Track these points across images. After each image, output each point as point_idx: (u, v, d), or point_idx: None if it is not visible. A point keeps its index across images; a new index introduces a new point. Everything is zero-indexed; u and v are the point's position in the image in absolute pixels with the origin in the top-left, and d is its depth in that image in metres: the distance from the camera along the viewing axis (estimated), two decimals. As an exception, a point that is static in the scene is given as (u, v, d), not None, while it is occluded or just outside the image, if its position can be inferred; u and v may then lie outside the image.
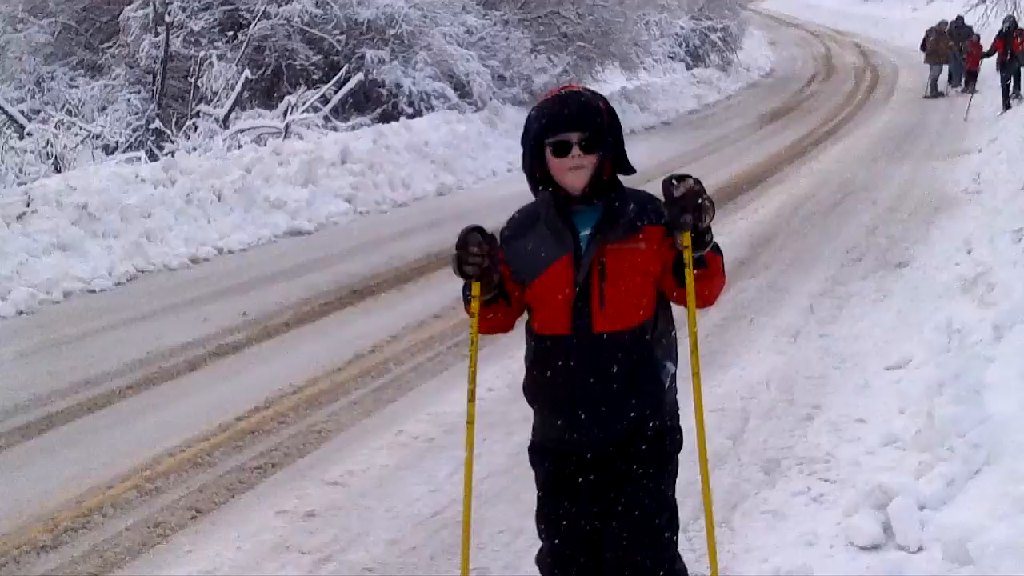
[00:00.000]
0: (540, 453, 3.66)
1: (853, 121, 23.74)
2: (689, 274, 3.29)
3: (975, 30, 26.94)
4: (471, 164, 17.89)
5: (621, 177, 3.49)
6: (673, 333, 3.56)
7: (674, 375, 3.56)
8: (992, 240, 9.81)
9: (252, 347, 8.77)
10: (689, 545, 5.14)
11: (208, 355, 8.54)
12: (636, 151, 3.25)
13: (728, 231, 12.57)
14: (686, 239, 3.22)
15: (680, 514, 5.21)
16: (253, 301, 10.05)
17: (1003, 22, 23.87)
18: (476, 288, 3.40)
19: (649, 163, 16.94)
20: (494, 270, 3.35)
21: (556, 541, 3.64)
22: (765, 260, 11.15)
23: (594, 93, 3.48)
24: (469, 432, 3.57)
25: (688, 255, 3.25)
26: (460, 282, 3.48)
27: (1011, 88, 22.98)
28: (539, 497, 3.68)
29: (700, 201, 3.16)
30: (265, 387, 7.70)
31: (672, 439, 3.61)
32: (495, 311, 3.50)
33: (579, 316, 3.38)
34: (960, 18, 27.77)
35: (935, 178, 15.54)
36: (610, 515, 3.54)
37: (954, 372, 6.45)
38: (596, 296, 3.36)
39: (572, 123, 3.35)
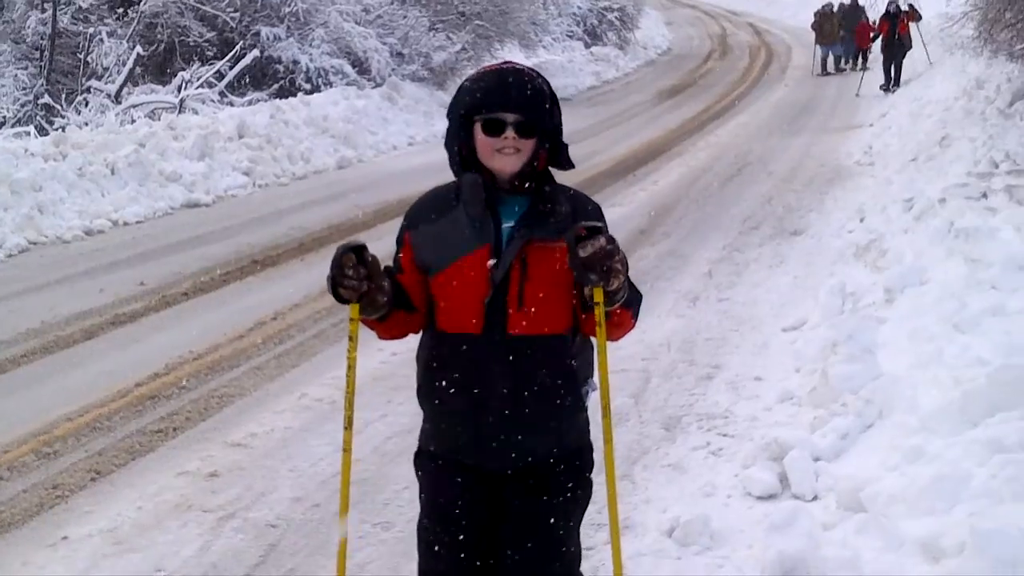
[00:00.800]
0: (430, 463, 3.22)
1: (749, 97, 24.13)
2: (601, 334, 2.97)
3: (867, 11, 27.16)
4: (371, 139, 17.81)
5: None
6: (592, 348, 3.17)
7: (588, 393, 3.20)
8: (884, 209, 10.08)
9: (150, 316, 8.63)
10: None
11: (105, 324, 8.38)
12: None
13: (629, 202, 12.74)
14: (597, 295, 2.88)
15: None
16: (150, 272, 9.88)
17: (888, 4, 23.79)
18: (354, 310, 2.98)
19: (549, 137, 17.04)
20: (378, 292, 2.95)
21: (440, 567, 3.19)
22: (665, 229, 11.31)
23: (538, 74, 3.08)
24: (345, 459, 3.12)
25: (600, 313, 2.92)
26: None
27: (892, 75, 22.84)
28: (423, 516, 3.23)
29: (608, 264, 2.81)
30: (165, 354, 7.59)
31: (585, 459, 3.23)
32: (394, 323, 3.10)
33: (493, 315, 2.99)
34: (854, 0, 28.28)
35: (829, 151, 15.89)
36: (507, 544, 3.14)
37: (848, 333, 6.63)
38: (515, 295, 2.99)
39: (511, 102, 2.97)
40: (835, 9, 28.94)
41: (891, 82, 22.49)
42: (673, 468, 5.69)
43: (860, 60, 26.77)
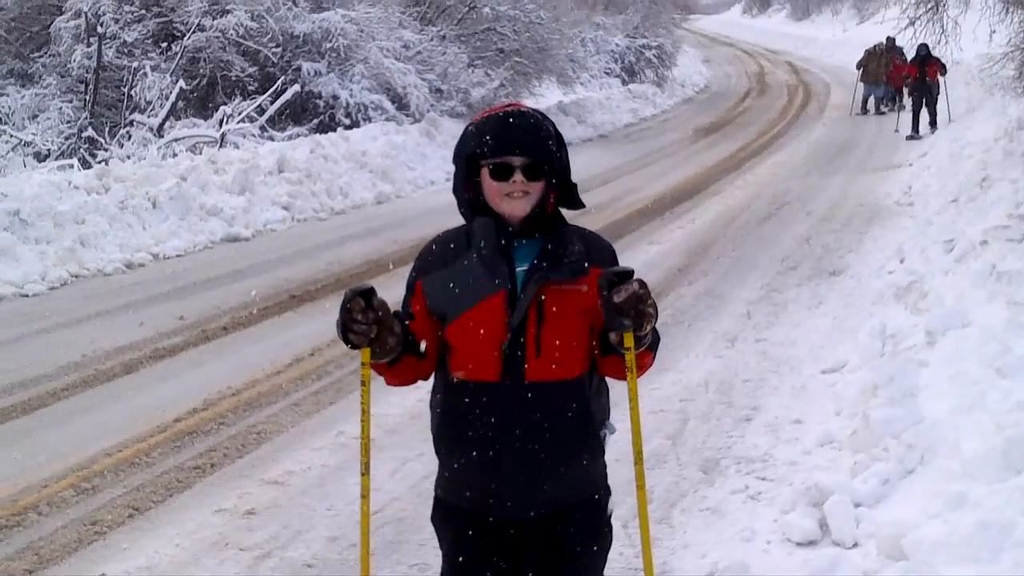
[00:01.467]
0: (448, 513, 3.17)
1: (786, 135, 24.06)
2: (632, 379, 2.95)
3: (905, 51, 26.70)
4: (409, 174, 17.89)
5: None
6: (608, 390, 3.16)
7: (606, 436, 3.16)
8: (924, 250, 10.01)
9: (189, 351, 8.69)
10: (629, 540, 5.19)
11: (145, 358, 8.45)
12: (573, 163, 3.05)
13: (665, 240, 12.73)
14: (627, 340, 2.86)
15: (620, 511, 5.29)
16: (190, 306, 9.95)
17: (918, 48, 22.16)
18: (365, 354, 2.95)
19: (586, 174, 17.09)
20: (389, 335, 2.92)
21: None
22: (702, 268, 11.27)
23: (543, 115, 3.04)
24: (364, 506, 3.06)
25: (631, 358, 2.91)
26: (401, 285, 3.17)
27: (924, 121, 22.02)
28: (445, 567, 3.20)
29: (642, 308, 2.80)
30: (203, 389, 7.64)
31: (604, 503, 3.19)
32: (403, 368, 3.05)
33: (511, 362, 2.95)
34: (891, 39, 27.91)
35: (867, 190, 15.80)
36: None
37: (888, 375, 6.57)
38: (532, 341, 2.94)
39: (517, 145, 2.94)
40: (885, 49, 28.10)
41: (917, 130, 21.74)
42: (711, 512, 5.65)
43: (897, 100, 26.31)
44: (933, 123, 21.91)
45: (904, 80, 23.90)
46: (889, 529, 4.89)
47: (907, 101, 23.48)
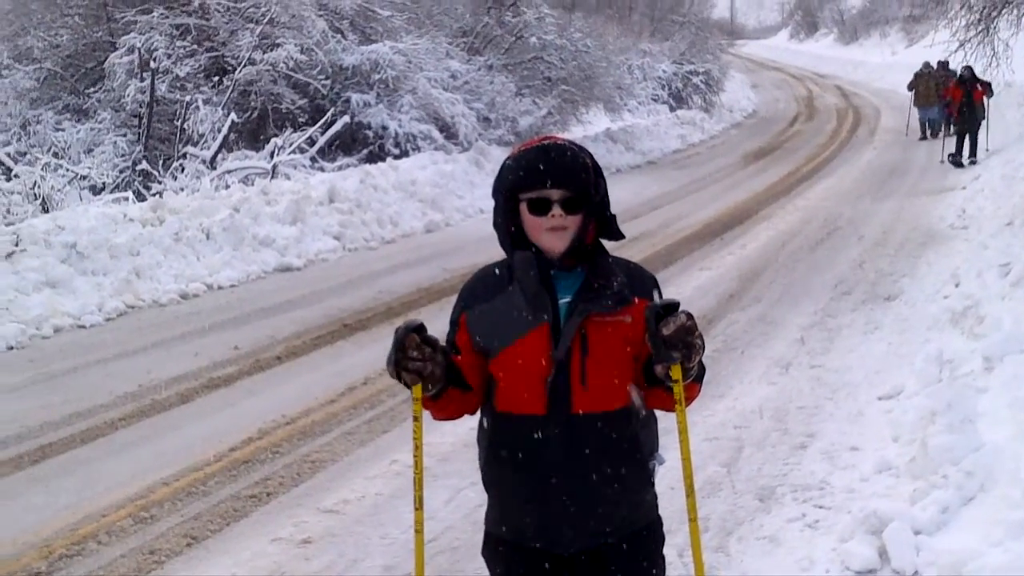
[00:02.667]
0: (498, 548, 3.12)
1: (837, 160, 23.94)
2: (681, 411, 2.93)
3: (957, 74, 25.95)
4: (458, 202, 17.98)
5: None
6: (656, 420, 3.13)
7: (655, 467, 3.12)
8: (980, 274, 9.89)
9: (244, 380, 8.77)
10: (685, 569, 5.16)
11: (200, 388, 8.53)
12: (622, 189, 3.09)
13: (717, 266, 12.68)
14: (675, 372, 2.84)
15: (676, 539, 5.27)
16: (244, 335, 10.05)
17: (962, 69, 21.74)
18: (417, 391, 2.93)
19: (635, 200, 17.10)
20: (436, 367, 2.88)
21: None
22: (755, 294, 11.21)
23: (580, 147, 3.01)
24: (418, 540, 3.05)
25: (679, 391, 2.89)
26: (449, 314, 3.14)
27: (966, 147, 21.04)
28: None
29: (690, 340, 2.77)
30: (258, 418, 7.70)
31: (655, 535, 3.15)
32: (448, 401, 3.02)
33: (556, 394, 2.91)
34: (942, 63, 27.29)
35: (921, 214, 15.66)
36: None
37: (946, 402, 6.48)
38: (577, 373, 2.91)
39: (554, 179, 2.91)
40: (934, 69, 26.99)
41: (961, 154, 20.87)
42: (769, 540, 5.60)
43: (949, 126, 25.11)
44: (973, 152, 20.97)
45: (946, 106, 23.10)
46: (949, 558, 4.83)
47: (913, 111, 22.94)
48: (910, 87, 27.26)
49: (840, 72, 53.81)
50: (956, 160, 20.69)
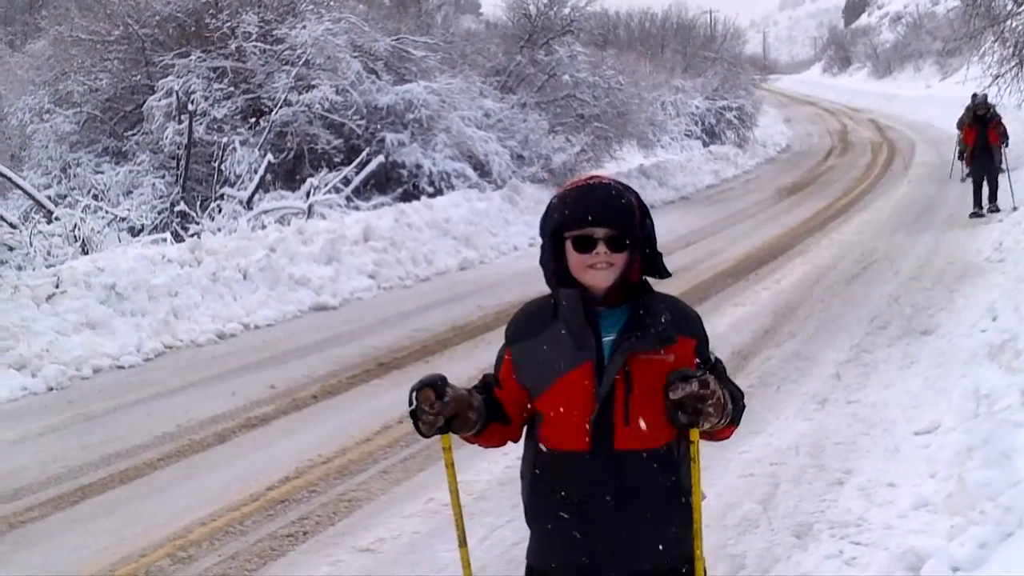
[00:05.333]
0: None
1: (872, 194, 23.85)
2: (696, 469, 3.00)
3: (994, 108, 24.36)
4: (492, 240, 18.05)
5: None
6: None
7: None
8: (1017, 307, 9.82)
9: (281, 419, 8.82)
10: (723, 607, 5.15)
11: (237, 427, 8.60)
12: (656, 225, 3.08)
13: (751, 301, 12.65)
14: (693, 434, 2.96)
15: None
16: (280, 375, 10.12)
17: (977, 106, 19.90)
18: (445, 440, 3.05)
19: (669, 236, 17.10)
20: (469, 411, 3.00)
21: None
22: (790, 329, 11.18)
23: (625, 187, 3.06)
24: (466, 574, 3.18)
25: (695, 449, 2.98)
26: (489, 354, 3.22)
27: (986, 193, 18.99)
28: None
29: (701, 407, 2.83)
30: (295, 458, 7.75)
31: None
32: (490, 435, 3.13)
33: (599, 432, 2.95)
34: (981, 96, 25.80)
35: (956, 247, 15.59)
36: None
37: (983, 437, 6.45)
38: (620, 411, 2.95)
39: (599, 217, 2.96)
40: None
41: (981, 205, 18.81)
42: (806, 578, 5.58)
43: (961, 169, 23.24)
44: (992, 198, 18.90)
45: (960, 155, 20.73)
46: (989, 594, 4.79)
47: (964, 169, 20.43)
48: (960, 124, 23.22)
49: (874, 106, 53.74)
50: (977, 214, 18.73)
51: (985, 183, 18.93)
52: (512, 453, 3.28)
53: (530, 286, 3.14)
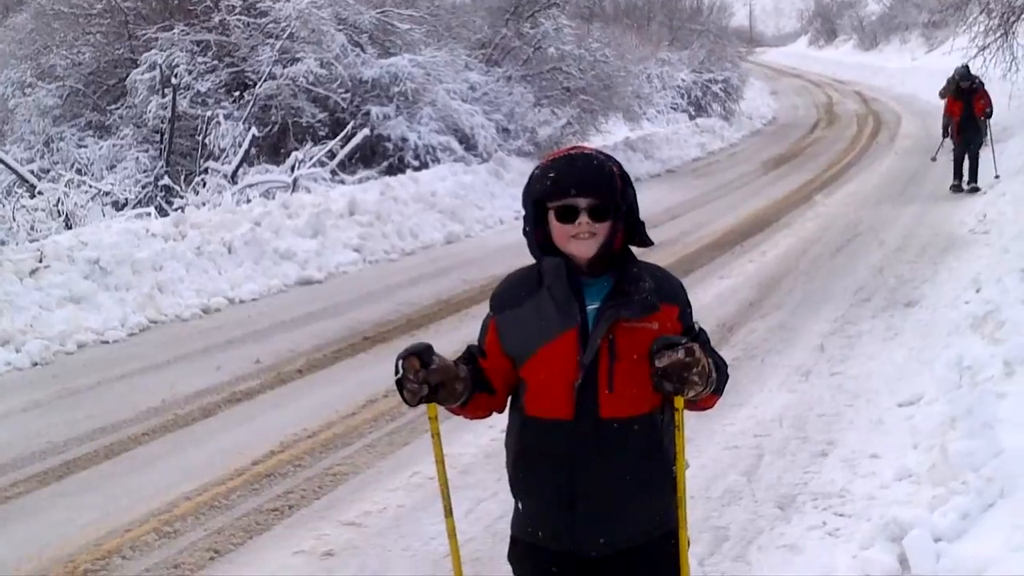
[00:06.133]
0: (524, 552, 3.19)
1: (857, 166, 23.87)
2: (680, 437, 3.02)
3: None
4: (478, 213, 18.02)
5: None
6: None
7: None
8: (1000, 279, 9.84)
9: (266, 393, 8.81)
10: (707, 579, 5.18)
11: (223, 402, 8.59)
12: (642, 198, 3.07)
13: (736, 274, 12.67)
14: (677, 401, 2.97)
15: (696, 548, 5.28)
16: (266, 349, 10.10)
17: (961, 77, 19.16)
18: (431, 410, 3.08)
19: (655, 209, 17.10)
20: (456, 382, 3.02)
21: None
22: (775, 301, 11.20)
23: (607, 156, 3.07)
24: (452, 545, 3.20)
25: (679, 418, 3.00)
26: (475, 327, 3.23)
27: (966, 169, 18.56)
28: None
29: (686, 375, 2.83)
30: (280, 432, 7.75)
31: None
32: (476, 405, 3.14)
33: (584, 399, 2.96)
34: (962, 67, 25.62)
35: (941, 219, 15.62)
36: None
37: (966, 408, 6.47)
38: (604, 378, 2.96)
39: (581, 187, 2.96)
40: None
41: (962, 177, 18.43)
42: (789, 549, 5.60)
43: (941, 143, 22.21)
44: (973, 176, 18.42)
45: (945, 128, 20.06)
46: (971, 564, 4.82)
47: (946, 142, 19.85)
48: (943, 95, 22.32)
49: (860, 78, 53.65)
50: (957, 187, 18.46)
51: (966, 158, 18.55)
52: (497, 426, 3.30)
53: (516, 259, 3.15)
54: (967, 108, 18.80)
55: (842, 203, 18.23)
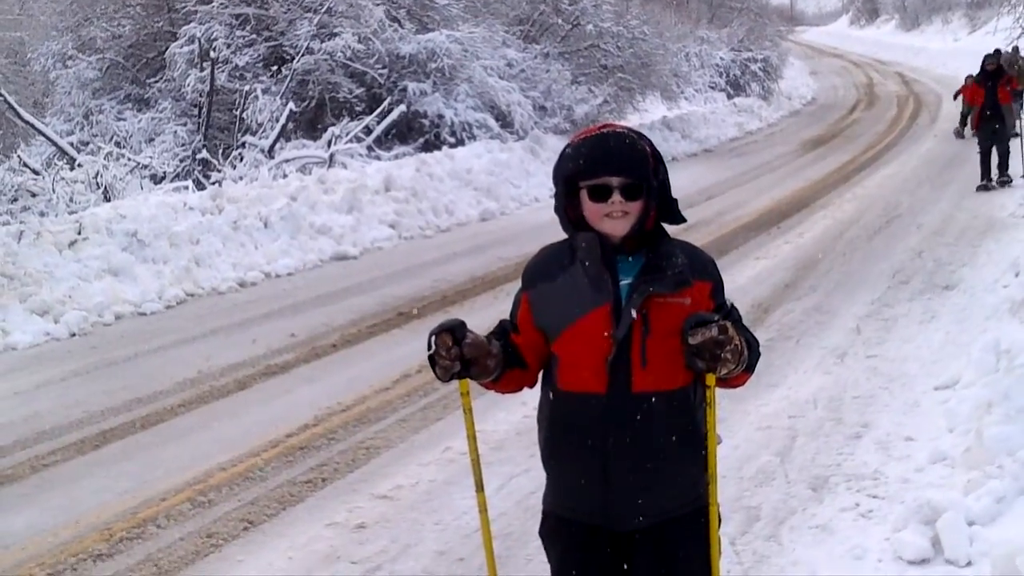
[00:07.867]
0: (556, 527, 3.17)
1: (896, 148, 23.66)
2: (711, 414, 3.02)
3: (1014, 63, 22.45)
4: (514, 191, 18.02)
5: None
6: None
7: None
8: (1040, 263, 9.77)
9: (300, 367, 8.88)
10: (736, 558, 5.17)
11: (258, 375, 8.66)
12: (678, 178, 3.10)
13: (773, 255, 12.61)
14: (709, 379, 2.96)
15: (727, 528, 5.28)
16: (301, 323, 10.16)
17: (986, 59, 17.60)
18: (463, 386, 3.07)
19: (691, 189, 17.06)
20: (488, 358, 3.00)
21: None
22: (811, 283, 11.14)
23: (639, 134, 3.05)
24: (483, 519, 3.18)
25: (711, 395, 3.00)
26: (509, 303, 3.20)
27: (995, 162, 16.81)
28: None
29: (719, 353, 2.83)
30: (314, 405, 7.80)
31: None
32: (508, 380, 3.13)
33: (617, 373, 2.94)
34: (1015, 49, 24.24)
35: (981, 203, 15.45)
36: None
37: (1003, 392, 6.42)
38: (637, 352, 2.94)
39: (614, 166, 2.95)
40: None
41: (990, 176, 16.63)
42: (821, 530, 5.58)
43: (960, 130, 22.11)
44: (1004, 167, 16.76)
45: (964, 117, 19.19)
46: (1004, 548, 4.79)
47: (967, 132, 18.77)
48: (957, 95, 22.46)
49: (901, 59, 53.16)
50: (985, 186, 16.56)
51: (994, 151, 16.79)
52: (530, 403, 3.30)
53: (551, 237, 3.13)
54: (990, 95, 17.06)
55: (880, 185, 18.08)
